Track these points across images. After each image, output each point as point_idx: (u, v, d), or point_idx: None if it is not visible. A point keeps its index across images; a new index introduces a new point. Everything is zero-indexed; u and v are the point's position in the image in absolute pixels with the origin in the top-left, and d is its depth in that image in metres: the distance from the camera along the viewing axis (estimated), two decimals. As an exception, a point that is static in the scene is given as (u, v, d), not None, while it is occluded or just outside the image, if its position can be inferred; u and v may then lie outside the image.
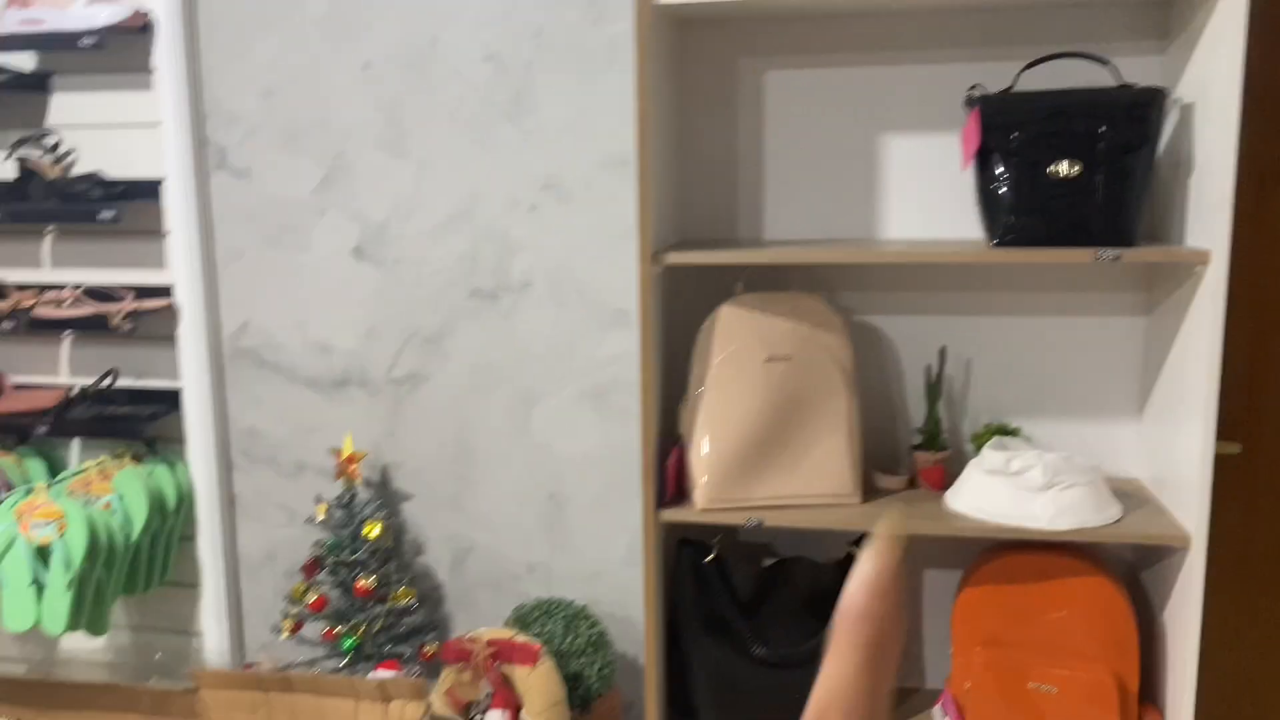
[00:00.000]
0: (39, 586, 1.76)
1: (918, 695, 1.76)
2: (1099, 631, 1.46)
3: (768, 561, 1.66)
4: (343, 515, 1.88)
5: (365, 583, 1.83)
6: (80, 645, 2.14)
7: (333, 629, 1.86)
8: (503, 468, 1.93)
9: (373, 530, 1.85)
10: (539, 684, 1.57)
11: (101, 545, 1.79)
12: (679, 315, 1.72)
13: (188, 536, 2.03)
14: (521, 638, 1.62)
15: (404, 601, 1.88)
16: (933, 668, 1.79)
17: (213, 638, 2.05)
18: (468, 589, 1.99)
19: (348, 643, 1.83)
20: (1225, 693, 1.75)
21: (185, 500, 1.99)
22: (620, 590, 1.91)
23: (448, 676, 1.68)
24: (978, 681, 1.49)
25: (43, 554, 1.77)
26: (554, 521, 1.92)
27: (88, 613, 1.81)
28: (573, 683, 1.67)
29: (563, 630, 1.71)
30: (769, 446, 1.53)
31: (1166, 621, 1.48)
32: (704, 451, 1.53)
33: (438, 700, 1.69)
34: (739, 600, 1.62)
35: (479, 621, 1.99)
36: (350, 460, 1.88)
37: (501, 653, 1.61)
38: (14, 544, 1.76)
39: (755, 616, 1.63)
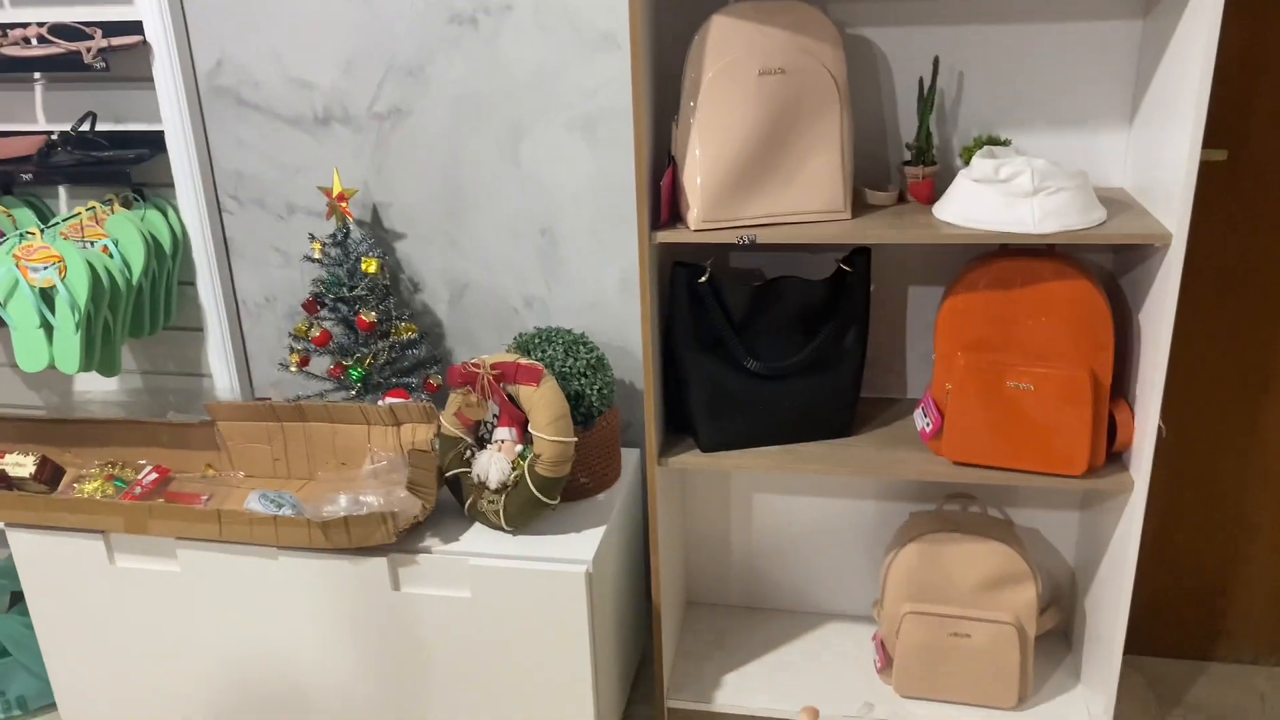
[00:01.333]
0: (48, 329, 1.80)
1: (899, 404, 1.86)
2: (1077, 333, 1.53)
3: (759, 282, 1.70)
4: (338, 253, 1.90)
5: (367, 317, 1.88)
6: (94, 386, 2.21)
7: (339, 364, 1.93)
8: (493, 203, 1.93)
9: (370, 265, 1.88)
10: (543, 400, 1.65)
11: (104, 287, 1.81)
12: (668, 36, 1.68)
13: (187, 281, 2.06)
14: (525, 360, 1.69)
15: (406, 335, 1.93)
16: (915, 380, 1.88)
17: (221, 378, 2.12)
18: (466, 324, 2.04)
19: (355, 373, 1.89)
20: (1190, 389, 1.85)
21: (180, 244, 2.00)
22: (616, 319, 1.97)
23: (455, 399, 1.76)
24: (958, 383, 1.57)
25: (46, 297, 1.80)
26: (548, 255, 1.95)
27: (98, 353, 1.86)
28: (574, 402, 1.75)
29: (563, 354, 1.77)
30: (761, 164, 1.54)
31: (1142, 321, 1.55)
32: (696, 171, 1.54)
33: (447, 421, 1.77)
34: (732, 318, 1.68)
35: (478, 354, 2.05)
36: (340, 198, 1.88)
37: (506, 374, 1.68)
38: (17, 287, 1.79)
39: (747, 333, 1.68)
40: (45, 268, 1.77)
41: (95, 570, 1.81)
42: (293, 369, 1.94)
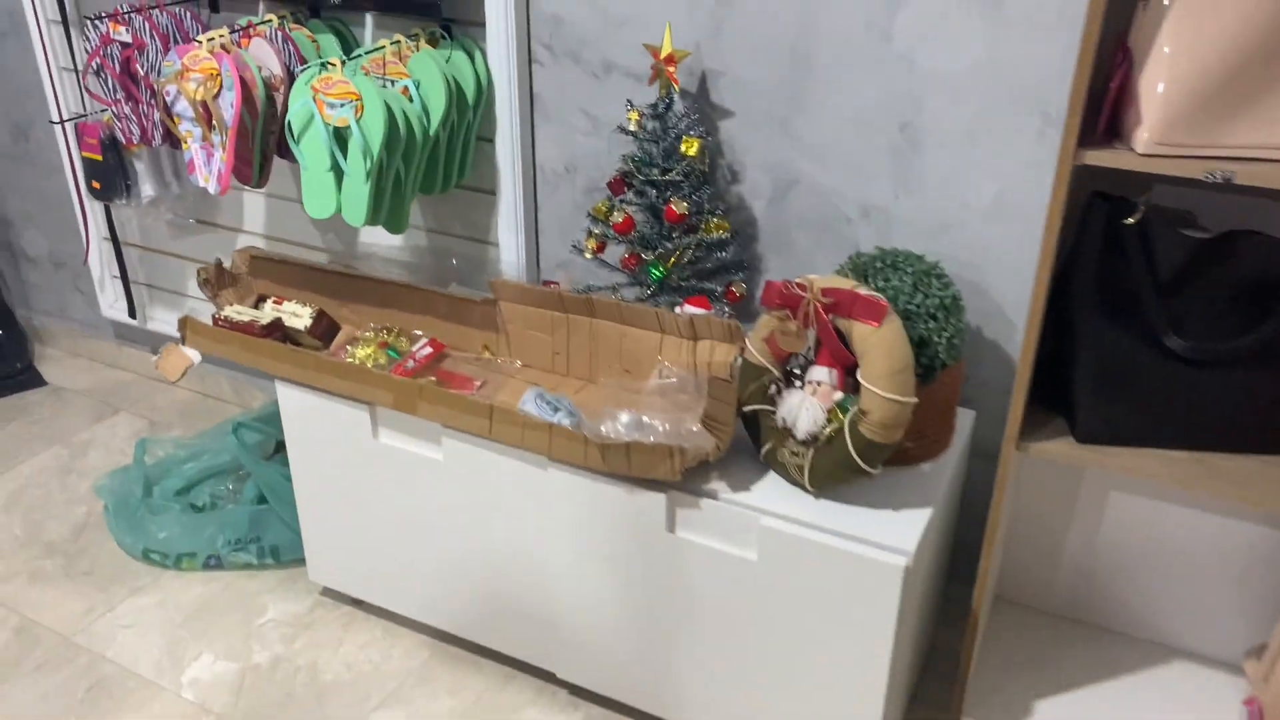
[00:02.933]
0: (338, 173, 1.64)
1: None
2: None
3: (1204, 233, 1.27)
4: (656, 127, 1.61)
5: (679, 207, 1.59)
6: (378, 240, 2.07)
7: (636, 255, 1.67)
8: (847, 85, 1.57)
9: (691, 147, 1.58)
10: (883, 345, 1.31)
11: (399, 134, 1.62)
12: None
13: (485, 138, 1.85)
14: (864, 290, 1.35)
15: (716, 234, 1.63)
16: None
17: (509, 250, 1.92)
18: (786, 229, 1.72)
19: (656, 271, 1.63)
20: None
21: (484, 95, 1.78)
22: (976, 250, 1.58)
23: (767, 322, 1.45)
24: None
25: (340, 137, 1.63)
26: (904, 157, 1.58)
27: (387, 206, 1.69)
28: (916, 349, 1.41)
29: (911, 287, 1.42)
30: (1260, 75, 1.09)
31: None
32: (1161, 73, 1.11)
33: (753, 346, 1.48)
34: (1156, 276, 1.26)
35: (794, 267, 1.73)
36: (669, 60, 1.58)
37: (840, 304, 1.35)
38: (312, 123, 1.63)
39: (1174, 298, 1.27)
40: (342, 104, 1.59)
41: (358, 441, 1.68)
42: (587, 254, 1.70)
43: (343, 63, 1.63)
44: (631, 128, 1.61)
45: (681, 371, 1.56)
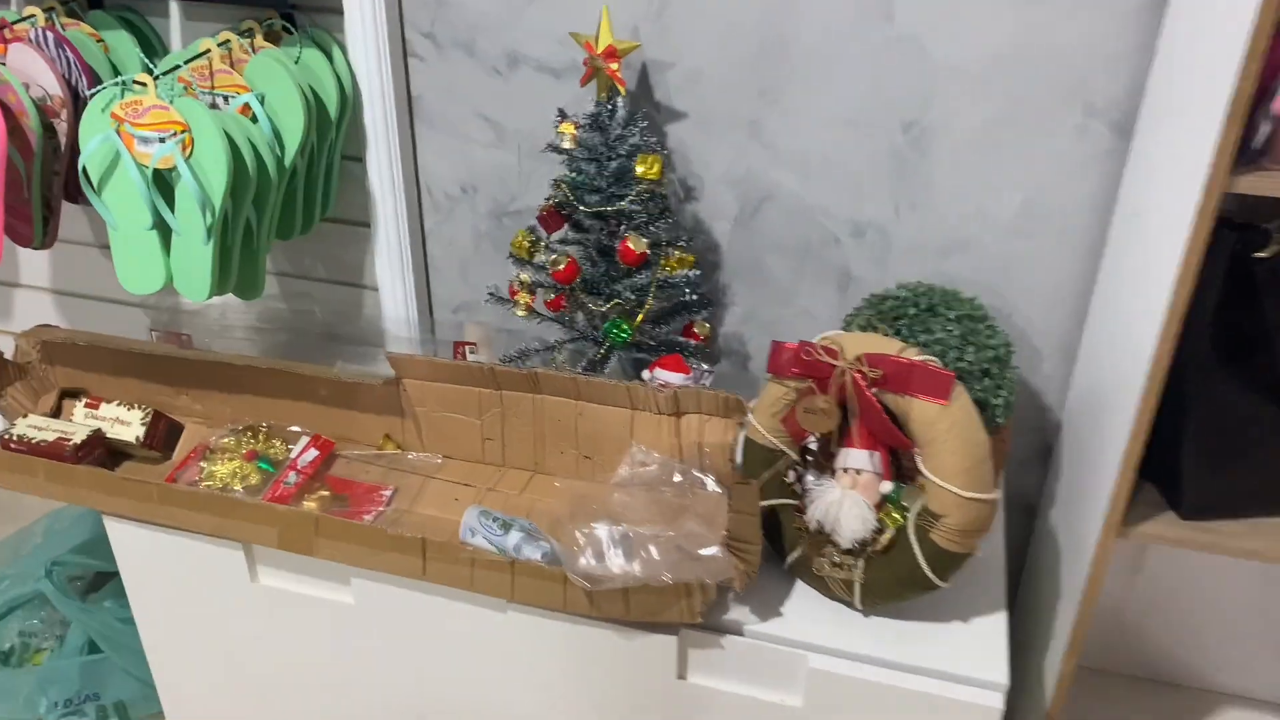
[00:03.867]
0: (164, 231, 1.18)
1: None
2: None
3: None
4: (596, 141, 1.24)
5: (637, 245, 1.23)
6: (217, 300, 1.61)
7: (578, 303, 1.30)
8: (836, 77, 1.24)
9: (650, 167, 1.21)
10: (957, 429, 1.01)
11: (248, 173, 1.17)
12: None
13: (352, 156, 1.41)
14: (919, 355, 1.04)
15: (679, 270, 1.28)
16: None
17: (391, 294, 1.50)
18: (757, 253, 1.38)
19: (619, 333, 1.26)
20: None
21: (349, 104, 1.34)
22: (995, 270, 1.30)
23: (780, 396, 1.13)
24: None
25: (162, 183, 1.17)
26: (907, 163, 1.27)
27: (236, 270, 1.24)
28: (972, 415, 1.12)
29: (959, 340, 1.12)
30: None
31: None
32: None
33: (760, 422, 1.15)
34: (1288, 319, 1.01)
35: (769, 299, 1.41)
36: (610, 55, 1.20)
37: (893, 378, 1.04)
38: (118, 164, 1.16)
39: (1308, 345, 1.02)
40: (161, 139, 1.13)
41: (231, 585, 1.25)
42: (518, 312, 1.31)
43: (154, 77, 1.16)
44: (566, 144, 1.23)
45: (662, 457, 1.22)
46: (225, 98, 1.22)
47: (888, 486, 1.10)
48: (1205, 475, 1.07)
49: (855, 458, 1.10)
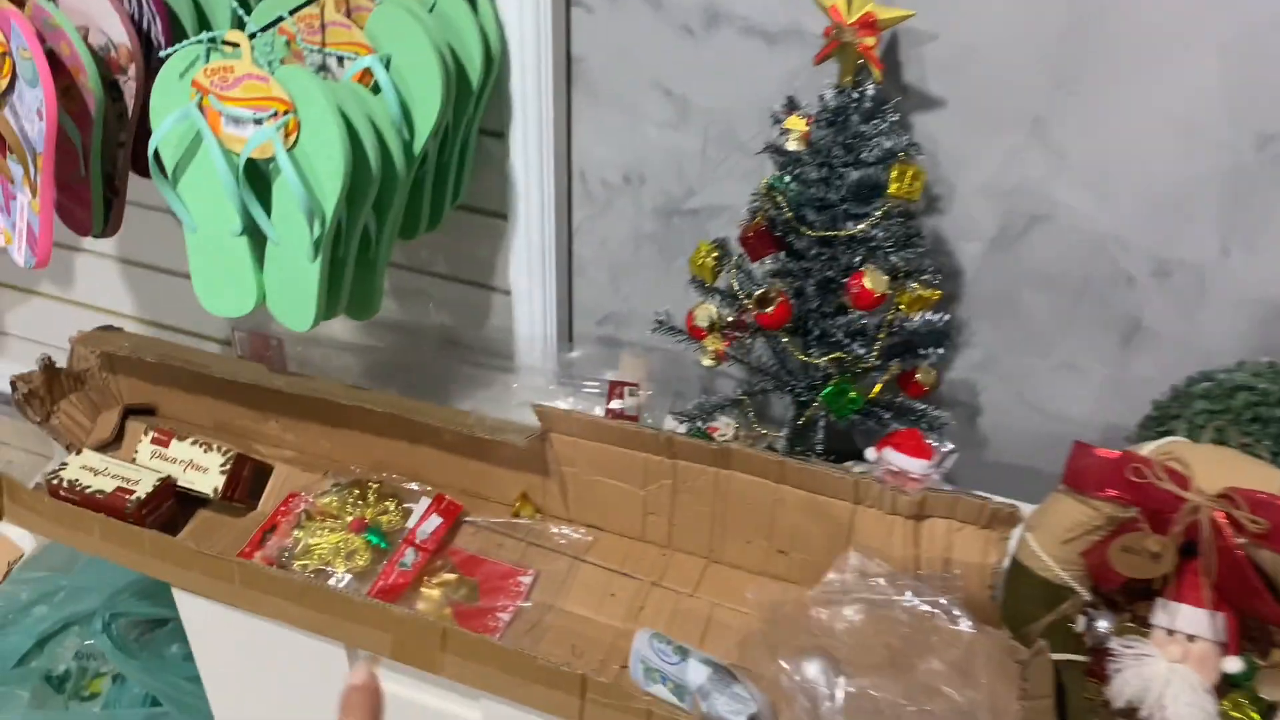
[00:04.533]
0: (257, 238, 0.89)
1: None
2: None
3: None
4: (830, 141, 0.91)
5: (876, 284, 0.91)
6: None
7: (772, 350, 0.99)
8: (1170, 64, 0.89)
9: (905, 180, 0.88)
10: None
11: (370, 168, 0.87)
12: None
13: (492, 131, 1.11)
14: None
15: (915, 312, 0.96)
16: None
17: (526, 300, 1.21)
18: (1011, 286, 1.05)
19: (849, 401, 0.95)
20: None
21: (494, 68, 1.03)
22: (1356, 336, 0.96)
23: (1081, 520, 0.82)
24: None
25: (256, 175, 0.88)
26: (1254, 186, 0.92)
27: (347, 288, 0.95)
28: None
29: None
30: None
31: None
32: None
33: (1043, 548, 0.84)
34: None
35: (1018, 345, 1.08)
36: (867, 25, 0.86)
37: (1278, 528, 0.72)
38: (200, 152, 0.87)
39: None
40: (257, 119, 0.84)
41: (326, 682, 0.99)
42: (707, 360, 1.00)
43: (251, 36, 0.86)
44: (793, 145, 0.90)
45: (891, 569, 0.92)
46: (340, 59, 0.92)
47: (1234, 665, 0.79)
48: None
49: (1190, 619, 0.79)
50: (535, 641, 0.93)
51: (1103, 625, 0.87)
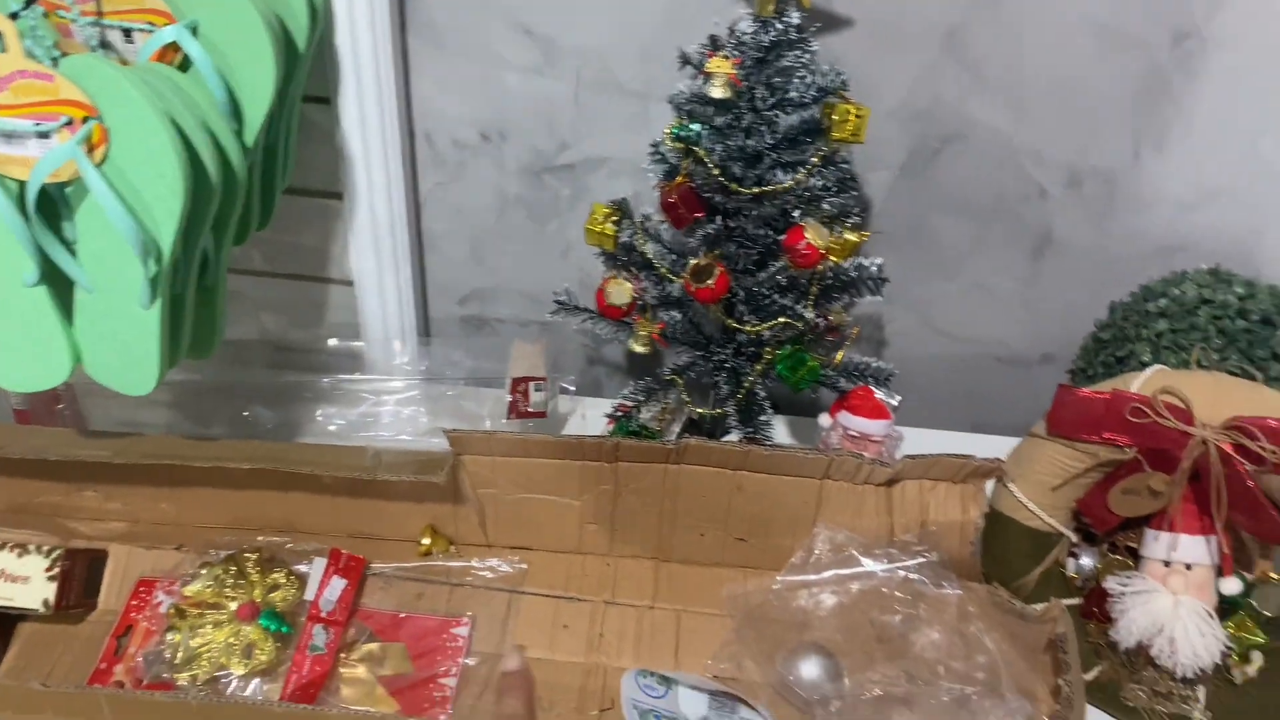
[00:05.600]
0: (60, 289, 0.67)
1: None
2: None
3: None
4: (755, 83, 0.79)
5: (818, 237, 0.81)
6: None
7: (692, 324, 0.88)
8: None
9: (846, 121, 0.78)
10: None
11: (209, 171, 0.67)
12: None
13: (316, 97, 0.90)
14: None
15: (848, 258, 0.87)
16: None
17: (373, 291, 1.03)
18: (920, 213, 0.99)
19: (805, 371, 0.85)
20: None
21: (317, 28, 0.82)
22: (1238, 227, 0.97)
23: (1066, 464, 0.78)
24: None
25: (48, 204, 0.65)
26: (1166, 87, 0.89)
27: (189, 324, 0.74)
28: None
29: (1317, 364, 0.80)
30: None
31: None
32: None
33: (1029, 497, 0.80)
34: None
35: (926, 272, 1.03)
36: (791, -59, 0.74)
37: (1300, 459, 0.70)
38: (-39, 184, 0.63)
39: None
40: (42, 129, 0.61)
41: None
42: (638, 346, 0.87)
43: (11, 16, 0.62)
44: (719, 92, 0.77)
45: (863, 538, 0.85)
46: (127, 31, 0.69)
47: (1234, 586, 0.78)
48: None
49: (1191, 548, 0.77)
50: (497, 703, 0.80)
51: (1087, 562, 0.85)
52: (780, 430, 1.03)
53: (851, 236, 0.86)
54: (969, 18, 0.86)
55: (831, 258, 0.85)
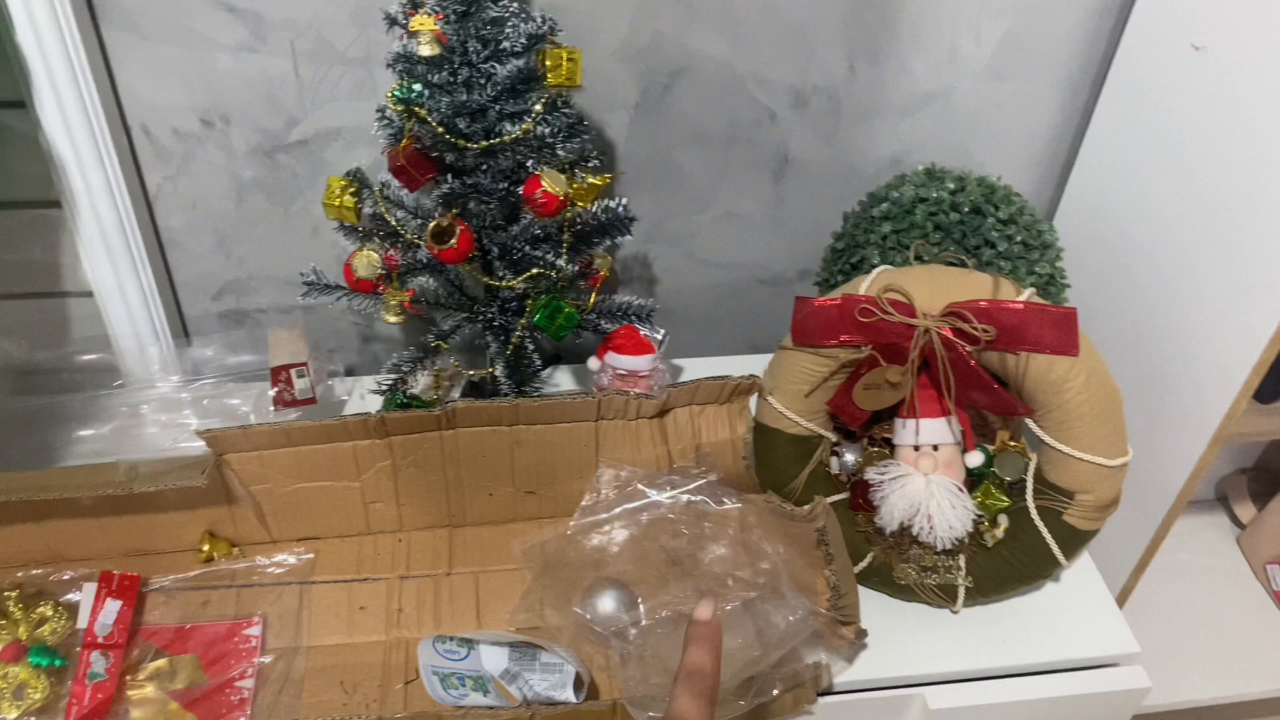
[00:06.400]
0: None
1: None
2: None
3: None
4: (460, 36, 0.78)
5: (554, 185, 0.82)
6: None
7: (449, 284, 0.88)
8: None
9: (559, 65, 0.79)
10: (1090, 388, 0.77)
11: None
12: None
13: (9, 103, 0.84)
14: (1013, 290, 0.77)
15: (592, 202, 0.88)
16: None
17: (115, 296, 0.97)
18: (662, 151, 1.01)
19: (562, 320, 0.86)
20: None
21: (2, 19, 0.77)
22: (962, 126, 1.03)
23: (811, 370, 0.82)
24: None
25: None
26: (860, 3, 0.94)
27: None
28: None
29: (1020, 249, 0.86)
30: None
31: None
32: None
33: (786, 404, 0.84)
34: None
35: (681, 206, 1.06)
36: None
37: (1011, 332, 0.76)
38: None
39: None
40: None
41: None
42: (391, 316, 0.86)
43: None
44: (426, 49, 0.76)
45: (644, 471, 0.88)
46: None
47: (977, 458, 0.85)
48: None
49: (932, 430, 0.84)
50: (295, 697, 0.79)
51: (849, 458, 0.90)
52: (567, 380, 1.04)
53: (594, 180, 0.87)
54: (672, -48, 0.88)
55: (578, 203, 0.86)
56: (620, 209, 0.88)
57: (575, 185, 0.86)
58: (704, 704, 0.52)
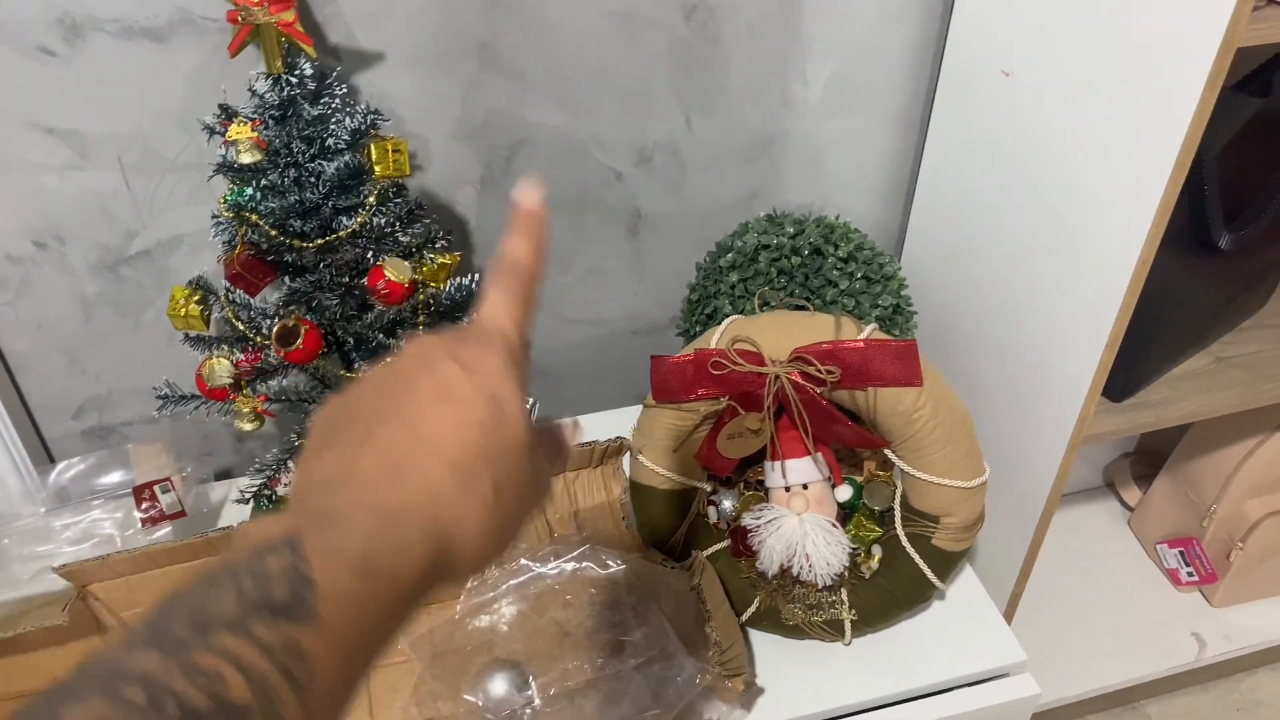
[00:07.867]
0: None
1: None
2: None
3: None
4: (286, 137, 0.78)
5: (398, 272, 0.81)
6: None
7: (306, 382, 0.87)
8: (583, -40, 0.88)
9: (384, 157, 0.79)
10: (939, 414, 0.79)
11: None
12: None
13: None
14: (884, 336, 0.79)
15: (444, 281, 0.88)
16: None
17: (-31, 431, 0.94)
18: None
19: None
20: None
21: None
22: (807, 162, 1.06)
23: (674, 425, 0.83)
24: None
25: None
26: (695, 57, 0.96)
27: None
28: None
29: (864, 284, 0.88)
30: None
31: None
32: None
33: (655, 462, 0.85)
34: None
35: (546, 276, 1.06)
36: (281, 0, 0.73)
37: (855, 370, 0.77)
38: None
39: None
40: None
41: None
42: (246, 425, 0.84)
43: None
44: (247, 157, 0.76)
45: (524, 546, 0.88)
46: None
47: (846, 492, 0.87)
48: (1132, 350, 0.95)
49: (799, 469, 0.85)
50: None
51: (727, 505, 0.91)
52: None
53: (444, 259, 0.87)
54: (495, 29, 0.89)
55: (431, 284, 0.86)
56: (474, 285, 0.89)
57: (425, 268, 0.86)
58: (518, 303, 0.43)
